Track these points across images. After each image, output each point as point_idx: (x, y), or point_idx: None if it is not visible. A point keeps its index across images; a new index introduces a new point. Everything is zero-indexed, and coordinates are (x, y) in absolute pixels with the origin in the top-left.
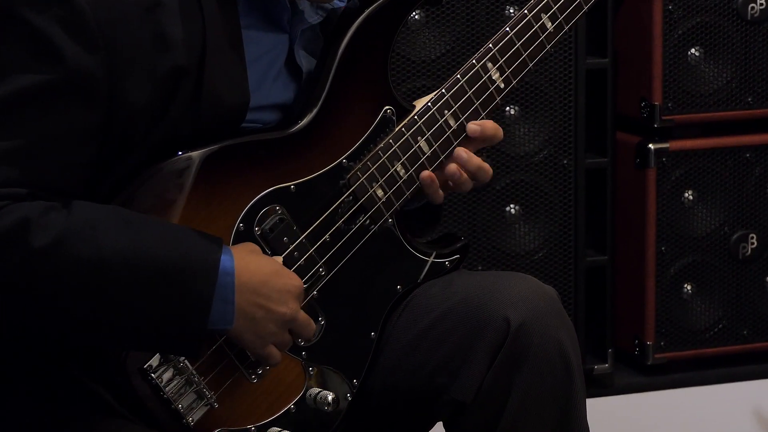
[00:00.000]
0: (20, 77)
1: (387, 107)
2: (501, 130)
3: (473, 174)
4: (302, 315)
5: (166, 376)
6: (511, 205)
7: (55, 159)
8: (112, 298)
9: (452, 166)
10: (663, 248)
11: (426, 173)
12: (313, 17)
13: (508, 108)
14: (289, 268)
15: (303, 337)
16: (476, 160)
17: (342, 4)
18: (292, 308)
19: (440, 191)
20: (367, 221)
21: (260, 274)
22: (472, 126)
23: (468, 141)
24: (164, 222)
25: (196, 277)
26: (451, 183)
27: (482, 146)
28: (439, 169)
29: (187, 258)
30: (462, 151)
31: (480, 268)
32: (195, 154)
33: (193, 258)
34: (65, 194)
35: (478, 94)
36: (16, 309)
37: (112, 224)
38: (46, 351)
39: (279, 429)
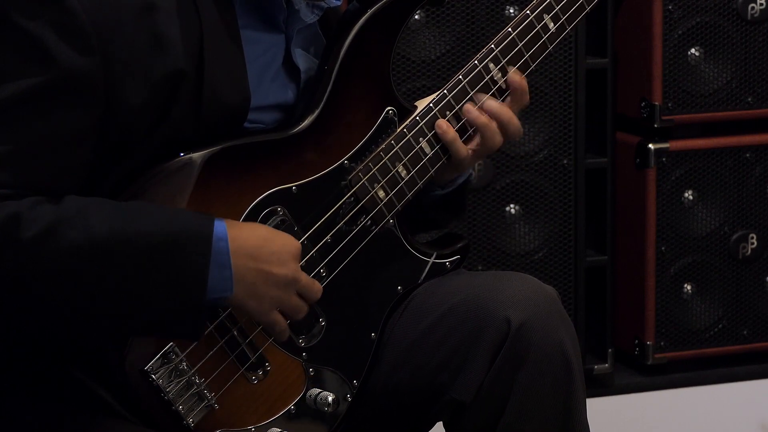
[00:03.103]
0: (13, 83)
1: (389, 108)
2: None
3: (505, 124)
4: (304, 275)
5: (167, 377)
6: (511, 205)
7: (47, 162)
8: (108, 281)
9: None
10: (663, 248)
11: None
12: (309, 16)
13: None
14: None
15: (310, 298)
16: (507, 110)
17: (338, 3)
18: (292, 269)
19: (461, 146)
20: (369, 222)
21: (254, 239)
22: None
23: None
24: (154, 204)
25: (190, 245)
26: (479, 137)
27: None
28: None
29: (180, 230)
30: (491, 100)
31: (480, 268)
32: (196, 155)
33: (185, 229)
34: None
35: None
36: (15, 304)
37: (102, 210)
38: (47, 346)
39: (279, 430)
